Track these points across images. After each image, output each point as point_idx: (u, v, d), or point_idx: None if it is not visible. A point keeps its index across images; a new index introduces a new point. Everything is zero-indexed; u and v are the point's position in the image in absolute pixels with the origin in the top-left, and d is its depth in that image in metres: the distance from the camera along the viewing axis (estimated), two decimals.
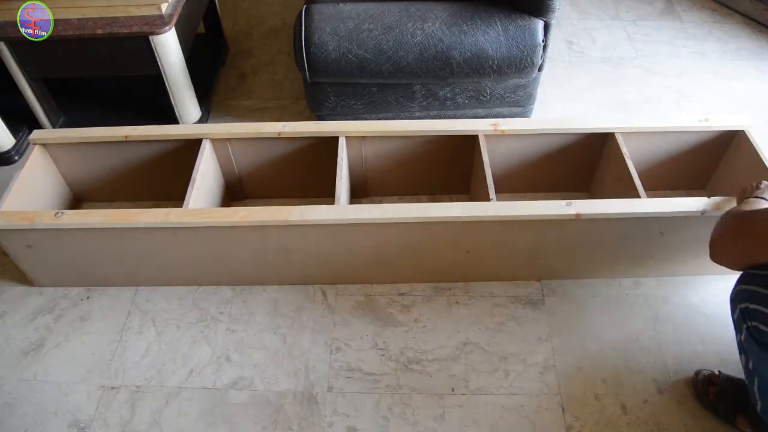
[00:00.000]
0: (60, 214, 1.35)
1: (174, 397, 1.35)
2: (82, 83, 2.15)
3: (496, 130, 1.53)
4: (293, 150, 1.60)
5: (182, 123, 1.93)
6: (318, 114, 1.87)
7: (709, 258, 1.14)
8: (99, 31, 1.64)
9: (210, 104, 2.10)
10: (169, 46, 1.70)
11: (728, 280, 1.54)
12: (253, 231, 1.36)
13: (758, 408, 1.11)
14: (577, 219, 1.33)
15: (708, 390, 1.29)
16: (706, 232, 1.37)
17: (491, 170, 1.46)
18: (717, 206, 1.33)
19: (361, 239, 1.40)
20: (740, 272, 1.08)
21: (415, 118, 1.86)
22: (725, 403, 1.26)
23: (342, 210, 1.36)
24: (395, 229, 1.37)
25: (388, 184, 1.70)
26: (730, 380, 1.28)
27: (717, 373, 1.31)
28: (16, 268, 1.53)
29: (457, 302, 1.51)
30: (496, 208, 1.35)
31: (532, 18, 1.64)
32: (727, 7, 2.51)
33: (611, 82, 2.17)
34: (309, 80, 1.72)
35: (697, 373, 1.33)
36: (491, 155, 1.50)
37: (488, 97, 1.82)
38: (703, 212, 1.32)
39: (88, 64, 1.77)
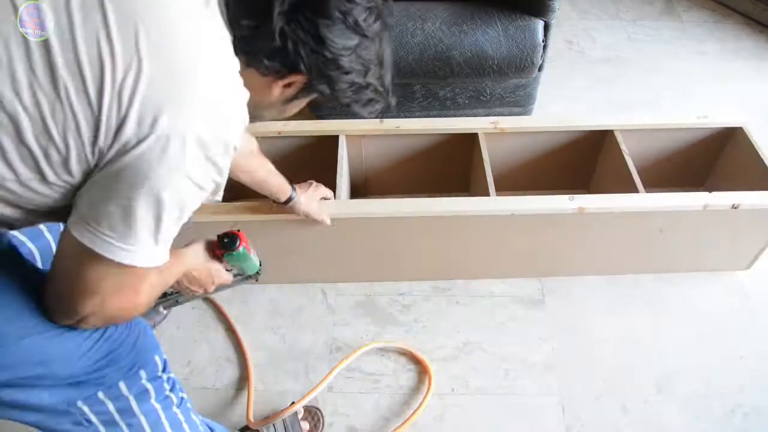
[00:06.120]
0: None
1: None
2: None
3: (495, 128, 1.53)
4: (293, 149, 1.60)
5: None
6: (318, 114, 1.87)
7: (707, 255, 1.13)
8: None
9: None
10: None
11: (728, 277, 1.54)
12: (255, 228, 1.36)
13: None
14: (580, 213, 1.33)
15: None
16: (705, 229, 1.37)
17: (491, 168, 1.46)
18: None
19: (362, 235, 1.40)
20: None
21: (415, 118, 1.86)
22: None
23: (346, 204, 1.36)
24: (396, 225, 1.37)
25: (388, 182, 1.70)
26: None
27: None
28: None
29: (457, 302, 1.51)
30: (499, 203, 1.35)
31: (532, 18, 1.64)
32: (727, 7, 2.51)
33: (611, 82, 2.17)
34: None
35: None
36: (491, 153, 1.50)
37: (488, 97, 1.81)
38: (705, 206, 1.32)
39: None
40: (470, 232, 1.40)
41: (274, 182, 1.24)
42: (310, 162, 1.62)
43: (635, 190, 1.41)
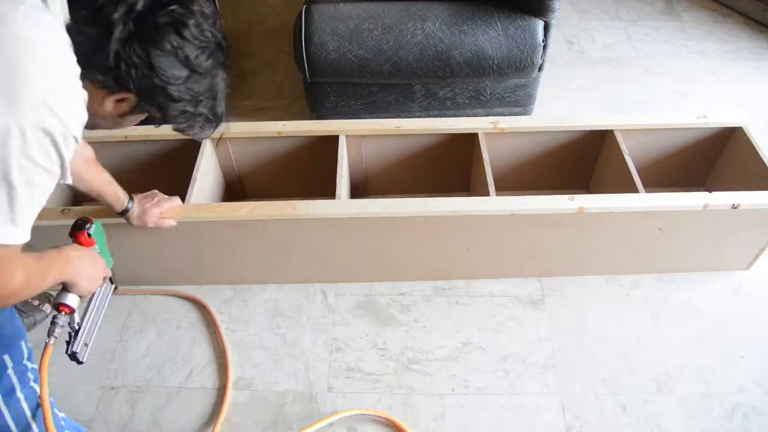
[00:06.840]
0: (67, 210, 1.35)
1: (174, 397, 1.35)
2: None
3: (495, 128, 1.53)
4: (293, 149, 1.60)
5: None
6: (318, 114, 1.87)
7: (707, 255, 1.13)
8: None
9: None
10: None
11: (728, 277, 1.55)
12: (256, 227, 1.36)
13: None
14: (580, 213, 1.33)
15: None
16: (705, 229, 1.37)
17: (491, 168, 1.46)
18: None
19: (362, 235, 1.40)
20: None
21: (415, 118, 1.86)
22: None
23: (347, 204, 1.37)
24: (397, 225, 1.37)
25: (387, 182, 1.70)
26: None
27: None
28: None
29: (457, 302, 1.51)
30: (499, 203, 1.36)
31: (532, 18, 1.64)
32: (727, 7, 2.51)
33: (611, 82, 2.17)
34: (309, 80, 1.72)
35: None
36: (491, 153, 1.50)
37: (488, 97, 1.82)
38: (705, 206, 1.33)
39: None
40: (470, 232, 1.40)
41: (110, 192, 1.23)
42: (310, 162, 1.62)
43: (635, 190, 1.41)
